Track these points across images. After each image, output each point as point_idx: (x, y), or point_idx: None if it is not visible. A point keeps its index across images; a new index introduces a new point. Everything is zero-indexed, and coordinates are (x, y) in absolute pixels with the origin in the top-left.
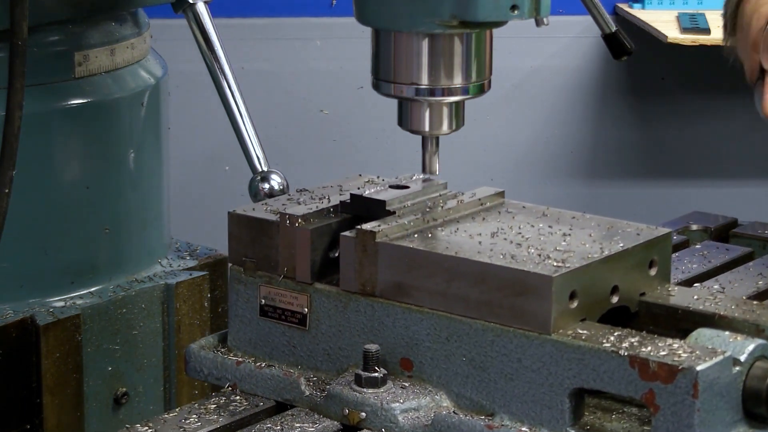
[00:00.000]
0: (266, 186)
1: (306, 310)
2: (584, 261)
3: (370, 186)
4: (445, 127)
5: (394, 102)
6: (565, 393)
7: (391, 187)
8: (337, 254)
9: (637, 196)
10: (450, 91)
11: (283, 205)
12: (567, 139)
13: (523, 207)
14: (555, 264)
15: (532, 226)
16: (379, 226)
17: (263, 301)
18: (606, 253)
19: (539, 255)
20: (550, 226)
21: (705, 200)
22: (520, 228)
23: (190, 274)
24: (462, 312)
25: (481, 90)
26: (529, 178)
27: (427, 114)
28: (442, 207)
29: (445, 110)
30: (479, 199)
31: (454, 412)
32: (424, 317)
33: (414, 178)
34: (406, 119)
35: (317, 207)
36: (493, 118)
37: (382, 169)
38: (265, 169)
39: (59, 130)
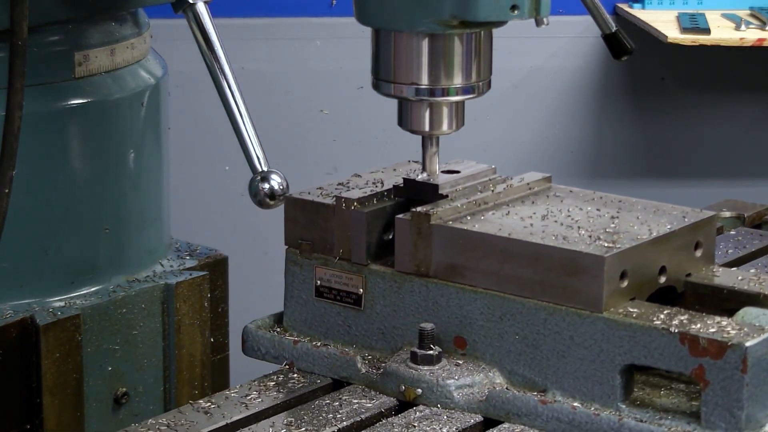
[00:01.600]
0: (266, 186)
1: (361, 290)
2: (634, 242)
3: (421, 171)
4: (445, 127)
5: (394, 102)
6: (617, 369)
7: (442, 171)
8: (390, 236)
9: (637, 196)
10: (450, 91)
11: (337, 189)
12: (567, 139)
13: (570, 191)
14: (606, 245)
15: (581, 209)
16: (433, 208)
17: (319, 282)
18: (654, 234)
19: (590, 236)
20: (598, 209)
21: (705, 200)
22: (569, 211)
23: (190, 274)
24: (515, 291)
25: (481, 90)
26: None
27: (427, 114)
28: (492, 191)
29: (445, 110)
30: (528, 184)
31: (507, 388)
32: (478, 297)
33: (462, 163)
34: (406, 119)
35: (372, 191)
36: (493, 118)
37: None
38: (265, 169)
39: (59, 130)
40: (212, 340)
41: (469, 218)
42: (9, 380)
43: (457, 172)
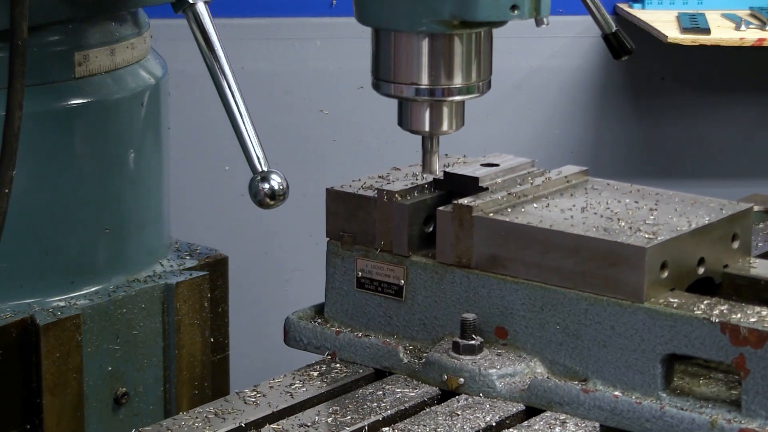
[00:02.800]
0: (266, 186)
1: (402, 281)
2: (673, 233)
3: (460, 164)
4: (445, 127)
5: (394, 102)
6: (657, 359)
7: (481, 165)
8: (431, 229)
9: None
10: (450, 91)
11: (378, 182)
12: (567, 139)
13: (608, 184)
14: (647, 236)
15: (619, 201)
16: (474, 201)
17: (360, 273)
18: (693, 226)
19: (630, 228)
20: (636, 202)
21: None
22: (608, 203)
23: (190, 274)
24: (556, 282)
25: (482, 90)
26: None
27: (427, 114)
28: (531, 183)
29: (445, 110)
30: (565, 177)
31: (548, 377)
32: (519, 287)
33: (501, 156)
34: (406, 119)
35: (412, 183)
36: (493, 118)
37: (382, 169)
38: (265, 169)
39: (59, 130)
40: (212, 340)
41: (509, 210)
42: (9, 380)
43: (497, 165)
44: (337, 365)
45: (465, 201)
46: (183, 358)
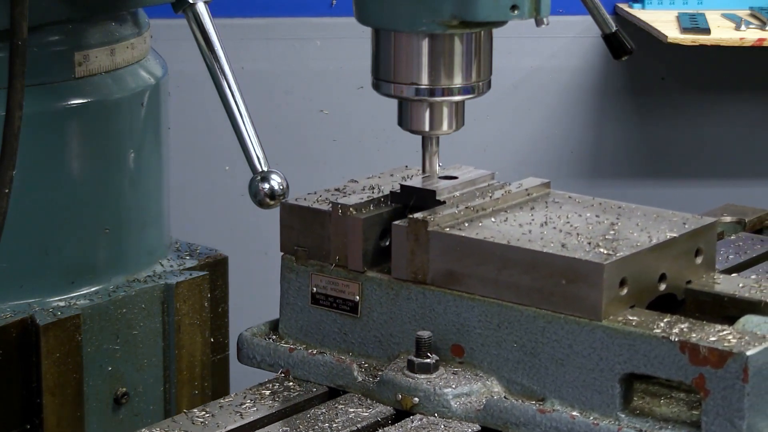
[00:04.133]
0: (266, 186)
1: (357, 297)
2: (633, 249)
3: (418, 176)
4: (445, 127)
5: (394, 102)
6: (616, 378)
7: (439, 177)
8: (387, 243)
9: (637, 196)
10: (450, 91)
11: (334, 195)
12: (567, 139)
13: (569, 197)
14: (605, 252)
15: (580, 215)
16: (430, 215)
17: (315, 289)
18: (654, 241)
19: (589, 243)
20: (597, 216)
21: (705, 200)
22: (568, 217)
23: (190, 274)
24: (513, 299)
25: (481, 90)
26: None
27: (427, 114)
28: (490, 197)
29: (446, 110)
30: (526, 190)
31: (505, 397)
32: (476, 304)
33: (460, 168)
34: (406, 119)
35: (368, 197)
36: (493, 118)
37: (382, 169)
38: (265, 169)
39: (59, 130)
40: (212, 340)
41: (466, 225)
42: (9, 380)
43: (455, 177)
44: (291, 383)
45: (421, 215)
46: (183, 358)
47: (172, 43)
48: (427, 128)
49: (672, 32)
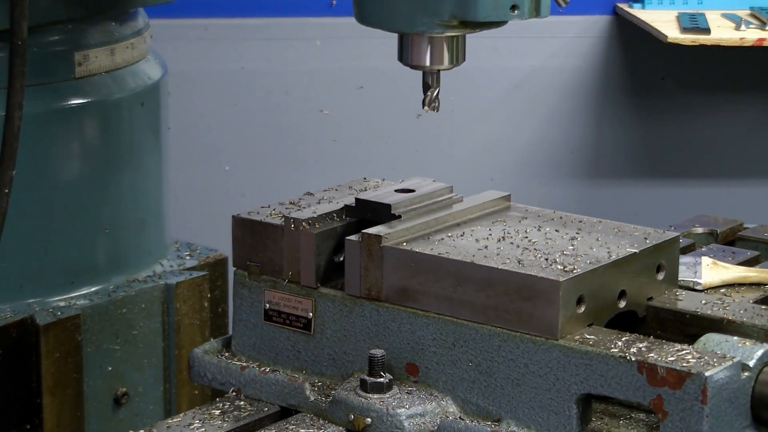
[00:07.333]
0: None
1: (311, 314)
2: (592, 265)
3: (375, 189)
4: (446, 62)
5: (394, 102)
6: (573, 399)
7: (396, 190)
8: (342, 258)
9: (638, 197)
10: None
11: (287, 208)
12: (567, 139)
13: (528, 210)
14: (562, 268)
15: (539, 229)
16: (384, 230)
17: (268, 305)
18: (614, 257)
19: (546, 259)
20: (557, 230)
21: (705, 200)
22: (526, 232)
23: (190, 274)
24: (468, 317)
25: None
26: (530, 178)
27: (428, 48)
28: (448, 211)
29: (446, 45)
30: (485, 203)
31: (460, 417)
32: (430, 322)
33: (419, 181)
34: (406, 54)
35: (322, 211)
36: (493, 118)
37: (382, 169)
38: None
39: (59, 130)
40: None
41: (422, 240)
42: (9, 380)
43: (412, 191)
44: (242, 402)
45: (374, 230)
46: (183, 358)
47: (172, 43)
48: (427, 63)
49: (672, 32)
